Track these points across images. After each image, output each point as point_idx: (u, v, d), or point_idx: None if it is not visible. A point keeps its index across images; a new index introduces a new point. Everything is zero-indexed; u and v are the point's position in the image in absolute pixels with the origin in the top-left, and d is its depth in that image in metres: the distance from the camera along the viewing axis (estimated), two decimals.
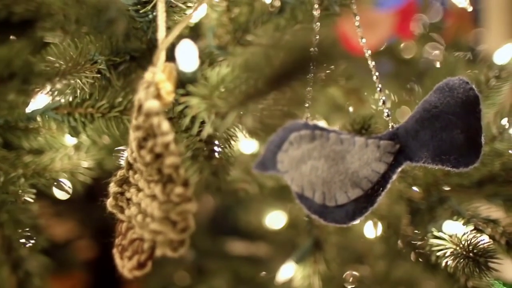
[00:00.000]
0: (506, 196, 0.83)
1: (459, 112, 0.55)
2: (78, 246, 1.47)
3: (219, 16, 0.67)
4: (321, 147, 0.61)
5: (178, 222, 0.46)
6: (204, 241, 1.14)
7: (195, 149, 0.50)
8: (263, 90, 0.39)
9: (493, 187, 0.85)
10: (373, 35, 0.96)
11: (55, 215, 1.33)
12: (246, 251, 1.17)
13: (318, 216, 0.61)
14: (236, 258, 1.13)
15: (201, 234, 1.15)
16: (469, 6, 0.60)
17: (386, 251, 0.89)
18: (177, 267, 1.09)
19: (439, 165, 0.56)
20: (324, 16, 0.64)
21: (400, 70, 1.09)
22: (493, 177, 0.85)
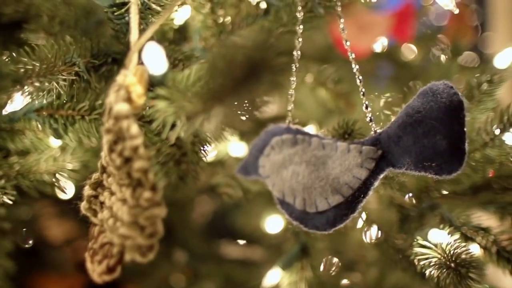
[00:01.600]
0: (501, 203, 0.81)
1: (442, 117, 0.53)
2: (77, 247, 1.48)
3: (204, 18, 0.66)
4: (302, 152, 0.60)
5: (146, 227, 0.46)
6: (199, 244, 1.13)
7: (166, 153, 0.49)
8: (228, 93, 0.38)
9: (488, 194, 0.83)
10: (368, 38, 0.95)
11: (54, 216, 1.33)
12: (242, 254, 1.16)
13: (299, 222, 0.60)
14: (231, 262, 1.12)
15: (197, 237, 1.15)
16: (456, 9, 0.58)
17: (378, 258, 0.87)
18: (171, 270, 1.09)
19: (422, 172, 0.55)
20: (308, 18, 0.63)
21: (401, 73, 1.07)
22: (488, 184, 0.83)
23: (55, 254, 1.41)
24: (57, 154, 0.72)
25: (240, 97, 0.36)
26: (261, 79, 0.35)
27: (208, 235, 1.16)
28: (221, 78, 0.36)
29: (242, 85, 0.36)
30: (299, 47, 0.62)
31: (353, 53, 0.63)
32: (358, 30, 0.93)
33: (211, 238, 1.16)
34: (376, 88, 1.12)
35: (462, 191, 0.82)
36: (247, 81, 0.36)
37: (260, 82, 0.35)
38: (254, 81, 0.36)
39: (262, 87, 0.36)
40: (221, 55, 0.37)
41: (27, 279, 1.27)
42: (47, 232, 1.34)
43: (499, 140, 0.69)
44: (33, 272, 1.29)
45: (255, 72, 0.36)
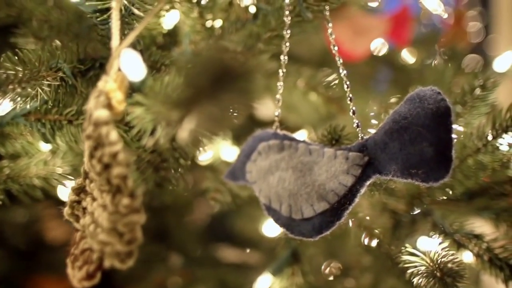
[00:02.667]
0: (496, 210, 0.79)
1: (429, 124, 0.52)
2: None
3: (192, 23, 0.66)
4: (289, 158, 0.59)
5: (125, 234, 0.46)
6: (196, 248, 1.13)
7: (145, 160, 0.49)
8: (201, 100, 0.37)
9: (483, 200, 0.82)
10: (364, 41, 0.94)
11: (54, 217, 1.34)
12: (238, 259, 1.15)
13: (285, 229, 0.60)
14: (227, 266, 1.11)
15: (193, 241, 1.15)
16: (444, 13, 0.57)
17: (372, 264, 0.87)
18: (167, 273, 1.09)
19: (409, 179, 0.54)
20: (297, 22, 0.63)
21: (398, 77, 1.06)
22: (484, 190, 0.82)
23: (54, 256, 1.42)
24: (48, 158, 0.72)
25: (213, 104, 0.36)
26: (232, 87, 0.35)
27: (206, 239, 1.16)
28: (193, 85, 0.36)
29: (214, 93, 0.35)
30: (286, 51, 0.62)
31: (340, 58, 0.62)
32: (354, 34, 0.92)
33: (208, 241, 1.16)
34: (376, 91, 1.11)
35: (457, 197, 0.81)
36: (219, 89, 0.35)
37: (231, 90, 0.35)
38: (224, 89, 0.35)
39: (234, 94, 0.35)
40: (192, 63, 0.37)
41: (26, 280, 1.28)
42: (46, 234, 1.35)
43: (491, 146, 0.67)
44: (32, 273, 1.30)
45: (225, 80, 0.35)
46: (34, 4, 0.74)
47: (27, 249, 1.29)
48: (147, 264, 1.10)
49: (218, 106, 0.35)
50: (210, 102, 0.36)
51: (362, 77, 1.01)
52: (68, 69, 0.57)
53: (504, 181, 0.81)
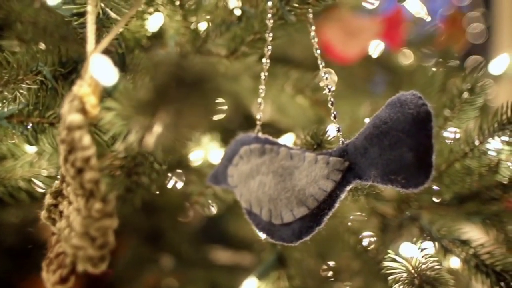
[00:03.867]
0: (486, 214, 0.79)
1: (409, 129, 0.51)
2: None
3: (176, 25, 0.66)
4: (270, 162, 0.59)
5: (97, 238, 0.46)
6: (188, 250, 1.13)
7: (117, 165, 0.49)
8: (168, 104, 0.37)
9: (474, 204, 0.81)
10: (357, 43, 0.93)
11: None
12: (231, 260, 1.15)
13: (266, 233, 0.59)
14: (219, 268, 1.11)
15: (186, 242, 1.15)
16: (428, 17, 0.57)
17: (362, 268, 0.86)
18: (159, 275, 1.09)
19: (389, 184, 0.53)
20: (280, 25, 0.62)
21: (391, 79, 1.05)
22: (474, 195, 0.81)
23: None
24: (34, 160, 0.72)
25: (177, 108, 0.36)
26: (194, 93, 0.35)
27: (199, 240, 1.16)
28: (158, 89, 0.36)
29: (177, 98, 0.35)
30: (269, 55, 0.61)
31: (323, 62, 0.61)
32: (346, 36, 0.92)
33: (201, 243, 1.16)
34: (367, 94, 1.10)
35: (447, 201, 0.80)
36: (181, 94, 0.35)
37: (193, 96, 0.35)
38: (187, 94, 0.35)
39: (196, 100, 0.35)
40: (154, 69, 0.36)
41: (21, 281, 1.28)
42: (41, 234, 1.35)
43: (478, 151, 0.67)
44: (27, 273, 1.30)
45: (187, 85, 0.35)
46: (22, 6, 0.74)
47: (22, 249, 1.29)
48: (139, 266, 1.11)
49: (181, 111, 0.35)
50: (174, 106, 0.36)
51: (354, 80, 1.00)
52: (48, 72, 0.57)
53: (494, 186, 0.80)
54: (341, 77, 0.99)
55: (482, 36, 1.98)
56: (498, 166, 0.72)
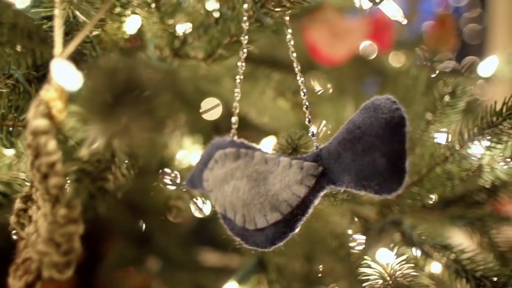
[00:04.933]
0: (470, 218, 0.78)
1: (382, 134, 0.51)
2: None
3: (153, 28, 0.65)
4: (244, 167, 0.58)
5: (62, 244, 0.45)
6: (176, 252, 1.13)
7: (82, 170, 0.48)
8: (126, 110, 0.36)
9: (458, 208, 0.80)
10: (343, 44, 0.92)
11: None
12: (219, 262, 1.15)
13: (240, 238, 0.59)
14: (206, 270, 1.11)
15: (175, 245, 1.14)
16: (404, 20, 0.56)
17: (345, 272, 0.85)
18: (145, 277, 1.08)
19: (362, 190, 0.52)
20: (257, 28, 0.62)
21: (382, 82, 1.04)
22: (459, 198, 0.80)
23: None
24: (13, 162, 0.71)
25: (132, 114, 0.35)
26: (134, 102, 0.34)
27: (187, 243, 1.15)
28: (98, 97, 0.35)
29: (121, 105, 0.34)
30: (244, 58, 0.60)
31: (298, 65, 0.60)
32: (333, 37, 0.91)
33: (190, 245, 1.15)
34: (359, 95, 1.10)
35: (431, 205, 0.79)
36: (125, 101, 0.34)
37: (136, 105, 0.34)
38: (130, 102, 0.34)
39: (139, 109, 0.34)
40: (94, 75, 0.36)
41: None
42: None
43: (459, 155, 0.66)
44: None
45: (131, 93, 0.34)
46: (1, 7, 0.74)
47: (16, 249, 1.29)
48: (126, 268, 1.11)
49: (135, 116, 0.34)
50: (128, 112, 0.35)
51: (340, 81, 1.00)
52: (21, 75, 0.56)
53: (479, 189, 0.79)
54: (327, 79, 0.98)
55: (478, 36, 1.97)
56: (481, 170, 0.71)
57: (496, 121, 0.62)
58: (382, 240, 0.72)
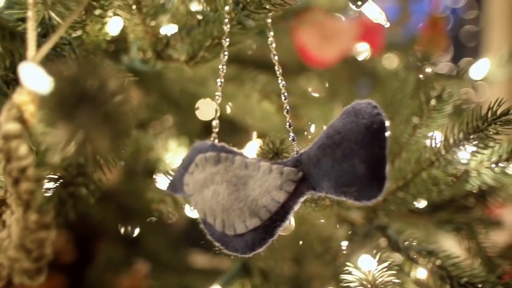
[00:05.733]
0: (458, 223, 0.77)
1: (362, 139, 0.50)
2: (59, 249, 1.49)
3: (135, 29, 0.65)
4: (224, 171, 0.58)
5: (33, 250, 0.44)
6: (166, 254, 1.12)
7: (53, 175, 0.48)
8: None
9: (446, 213, 0.79)
10: (333, 46, 0.91)
11: None
12: (208, 264, 1.14)
13: (220, 244, 0.58)
14: (195, 272, 1.10)
15: (164, 247, 1.13)
16: (386, 22, 0.55)
17: (332, 276, 0.84)
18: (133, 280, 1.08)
19: (342, 196, 0.51)
20: (238, 30, 0.61)
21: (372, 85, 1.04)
22: (448, 203, 0.80)
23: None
24: None
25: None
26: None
27: (176, 244, 1.15)
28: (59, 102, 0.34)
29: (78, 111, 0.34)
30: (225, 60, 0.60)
31: (280, 68, 0.60)
32: (322, 39, 0.90)
33: (179, 247, 1.15)
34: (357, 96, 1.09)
35: (419, 209, 0.79)
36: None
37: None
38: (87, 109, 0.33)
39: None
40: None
41: None
42: None
43: (444, 160, 0.65)
44: None
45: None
46: None
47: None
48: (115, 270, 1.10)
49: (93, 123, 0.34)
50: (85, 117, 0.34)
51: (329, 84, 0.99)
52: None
53: (467, 194, 0.79)
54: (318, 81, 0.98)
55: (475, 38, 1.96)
56: (467, 175, 0.70)
57: (481, 126, 0.61)
58: (368, 245, 0.71)
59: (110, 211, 1.12)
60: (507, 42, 1.58)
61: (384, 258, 0.61)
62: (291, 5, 0.57)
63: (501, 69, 0.96)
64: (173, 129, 0.92)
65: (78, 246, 1.30)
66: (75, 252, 1.47)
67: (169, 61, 0.67)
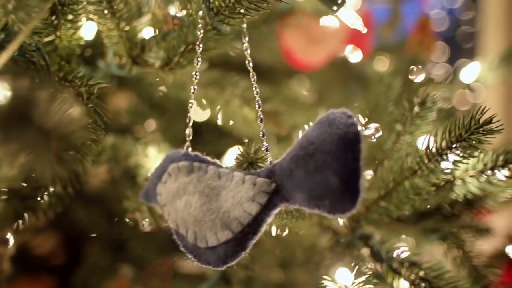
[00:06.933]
0: (444, 232, 0.75)
1: (335, 150, 0.48)
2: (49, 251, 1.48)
3: (109, 34, 0.63)
4: (197, 181, 0.56)
5: None
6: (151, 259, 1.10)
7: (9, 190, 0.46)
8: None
9: (432, 222, 0.77)
10: (319, 50, 0.90)
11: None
12: (194, 269, 1.12)
13: (192, 256, 0.56)
14: (181, 277, 1.08)
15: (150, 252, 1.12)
16: (364, 28, 0.53)
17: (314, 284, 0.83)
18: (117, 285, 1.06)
19: (316, 209, 0.49)
20: (213, 36, 0.59)
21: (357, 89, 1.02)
22: (434, 211, 0.78)
23: (27, 257, 1.41)
24: None
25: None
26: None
27: (163, 250, 1.13)
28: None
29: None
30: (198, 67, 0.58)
31: (254, 74, 0.58)
32: (308, 42, 0.88)
33: (165, 252, 1.13)
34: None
35: (405, 218, 0.77)
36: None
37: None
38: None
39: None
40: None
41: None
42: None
43: (427, 169, 0.63)
44: None
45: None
46: None
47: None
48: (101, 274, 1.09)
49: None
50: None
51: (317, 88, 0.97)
52: None
53: (455, 202, 0.77)
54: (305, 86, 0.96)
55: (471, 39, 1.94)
56: (452, 184, 0.69)
57: (464, 134, 0.60)
58: (350, 255, 0.70)
59: (97, 216, 1.11)
60: (503, 43, 1.55)
61: (364, 271, 0.59)
62: (265, 9, 0.55)
63: (492, 73, 0.94)
64: (157, 134, 0.90)
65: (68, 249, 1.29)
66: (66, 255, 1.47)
67: (145, 66, 0.65)
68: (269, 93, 0.75)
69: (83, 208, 1.11)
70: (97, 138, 0.53)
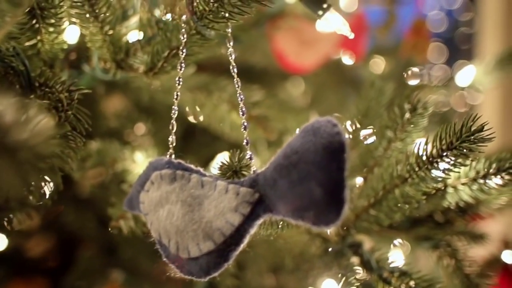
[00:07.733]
0: (436, 240, 0.74)
1: (319, 160, 0.46)
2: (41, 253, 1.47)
3: (92, 38, 0.62)
4: (180, 190, 0.54)
5: None
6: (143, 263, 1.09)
7: None
8: None
9: (424, 229, 0.76)
10: (312, 53, 0.88)
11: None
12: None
13: (175, 267, 0.55)
14: (172, 281, 1.07)
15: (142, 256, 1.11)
16: (351, 34, 0.52)
17: None
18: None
19: (300, 220, 0.48)
20: (197, 41, 0.58)
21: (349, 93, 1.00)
22: (426, 218, 0.77)
23: (20, 258, 1.40)
24: None
25: None
26: None
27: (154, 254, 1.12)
28: None
29: None
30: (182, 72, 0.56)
31: (239, 81, 0.56)
32: (300, 45, 0.87)
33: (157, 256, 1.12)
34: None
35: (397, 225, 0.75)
36: None
37: None
38: None
39: None
40: None
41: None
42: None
43: (417, 177, 0.61)
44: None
45: None
46: None
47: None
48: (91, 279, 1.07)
49: None
50: None
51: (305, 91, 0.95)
52: None
53: (448, 209, 0.75)
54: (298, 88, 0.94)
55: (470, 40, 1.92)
56: (444, 191, 0.67)
57: (455, 142, 0.58)
58: (339, 264, 0.68)
59: (88, 220, 1.09)
60: (502, 45, 1.54)
61: (352, 282, 0.58)
62: (249, 14, 0.53)
63: (488, 76, 0.93)
64: (147, 138, 0.89)
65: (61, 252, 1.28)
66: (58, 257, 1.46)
67: (129, 71, 0.64)
68: (260, 97, 0.73)
69: (75, 212, 1.10)
70: (76, 145, 0.51)
